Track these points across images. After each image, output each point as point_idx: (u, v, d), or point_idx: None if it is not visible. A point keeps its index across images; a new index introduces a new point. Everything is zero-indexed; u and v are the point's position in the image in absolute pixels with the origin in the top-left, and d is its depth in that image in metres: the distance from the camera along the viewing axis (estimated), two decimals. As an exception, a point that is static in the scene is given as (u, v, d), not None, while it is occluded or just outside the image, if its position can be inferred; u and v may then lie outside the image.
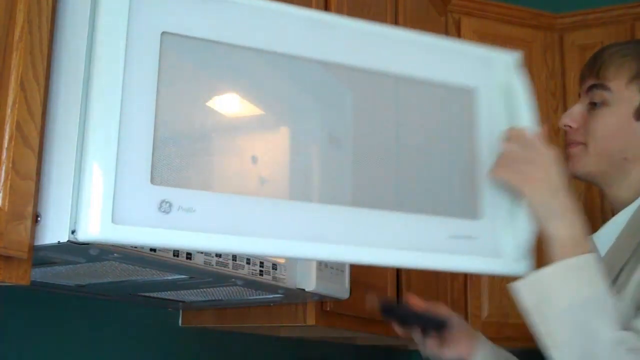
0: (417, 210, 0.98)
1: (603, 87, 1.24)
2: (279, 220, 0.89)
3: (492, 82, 1.06)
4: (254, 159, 0.94)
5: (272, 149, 0.97)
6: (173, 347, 1.62)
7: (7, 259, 0.79)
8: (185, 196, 0.83)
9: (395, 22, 1.94)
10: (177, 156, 0.85)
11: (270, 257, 0.99)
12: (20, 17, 0.81)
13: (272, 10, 0.94)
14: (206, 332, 1.70)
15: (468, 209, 1.01)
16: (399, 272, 1.79)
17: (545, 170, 0.99)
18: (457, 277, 2.16)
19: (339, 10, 1.60)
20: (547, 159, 1.00)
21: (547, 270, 0.97)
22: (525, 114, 1.04)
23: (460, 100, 1.05)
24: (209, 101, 0.93)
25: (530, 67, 2.28)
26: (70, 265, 0.96)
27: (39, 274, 1.04)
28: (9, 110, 0.79)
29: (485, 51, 1.09)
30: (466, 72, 1.06)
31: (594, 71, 1.27)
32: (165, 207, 0.81)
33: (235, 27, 0.92)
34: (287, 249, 0.92)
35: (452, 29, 2.32)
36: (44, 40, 0.84)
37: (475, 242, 0.99)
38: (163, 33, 0.86)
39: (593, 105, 1.25)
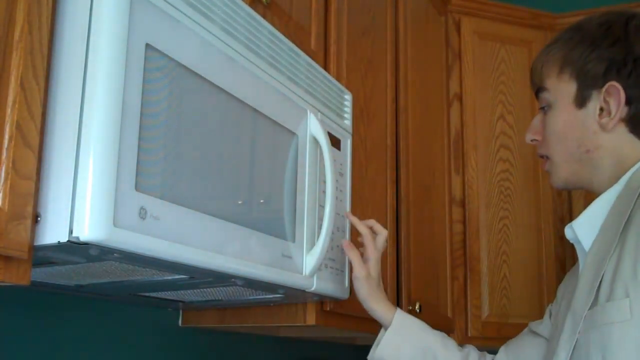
0: (262, 229, 1.13)
1: (542, 89, 1.21)
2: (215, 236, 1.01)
3: (306, 132, 1.27)
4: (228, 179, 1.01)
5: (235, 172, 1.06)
6: (173, 347, 1.62)
7: (7, 259, 0.79)
8: (156, 205, 0.89)
9: (395, 22, 1.94)
10: (158, 166, 0.91)
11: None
12: (20, 17, 0.81)
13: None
14: (206, 332, 1.70)
15: (290, 232, 1.21)
16: (398, 273, 1.78)
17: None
18: (458, 277, 2.16)
19: (339, 11, 1.59)
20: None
21: None
22: (326, 169, 1.27)
23: (290, 141, 1.23)
24: (191, 111, 0.98)
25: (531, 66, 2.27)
26: (70, 265, 0.96)
27: (39, 274, 1.04)
28: (9, 110, 0.79)
29: (303, 102, 1.27)
30: (293, 118, 1.23)
31: (534, 78, 1.24)
32: (142, 213, 0.87)
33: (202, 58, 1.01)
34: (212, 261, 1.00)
35: (452, 29, 2.32)
36: (44, 40, 0.84)
37: (291, 261, 1.20)
38: (147, 45, 0.90)
39: (543, 111, 1.22)
